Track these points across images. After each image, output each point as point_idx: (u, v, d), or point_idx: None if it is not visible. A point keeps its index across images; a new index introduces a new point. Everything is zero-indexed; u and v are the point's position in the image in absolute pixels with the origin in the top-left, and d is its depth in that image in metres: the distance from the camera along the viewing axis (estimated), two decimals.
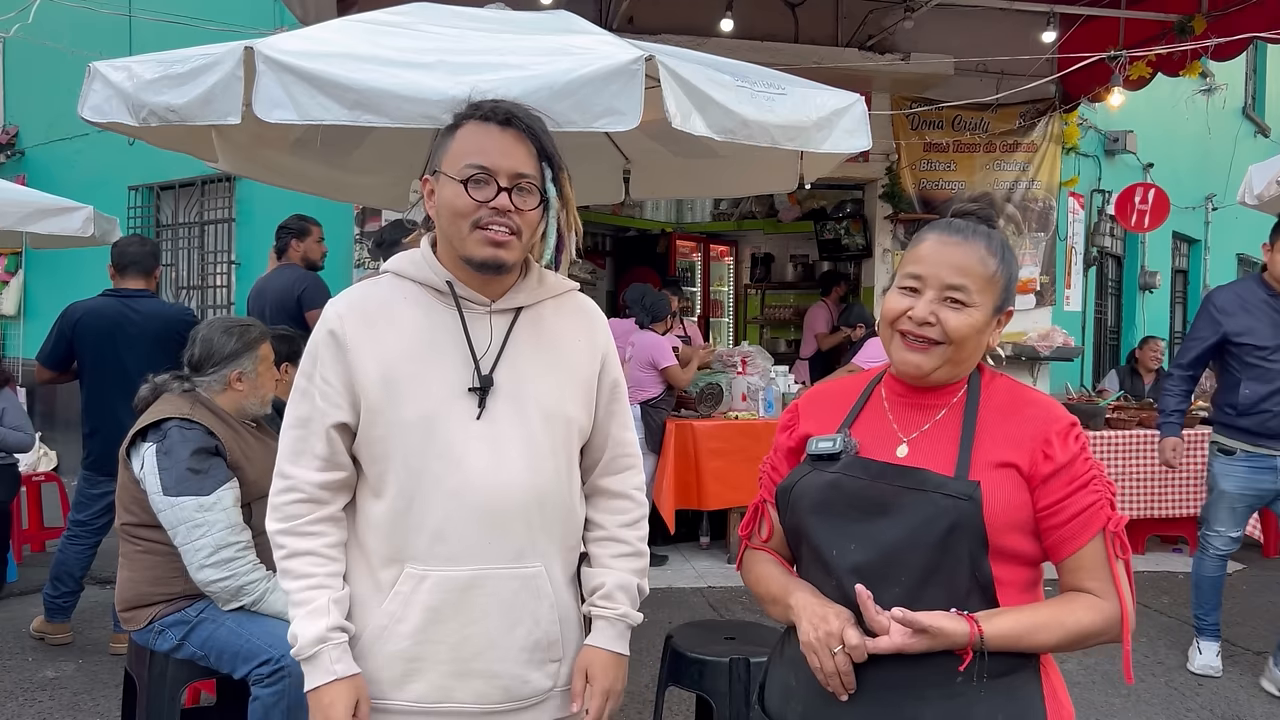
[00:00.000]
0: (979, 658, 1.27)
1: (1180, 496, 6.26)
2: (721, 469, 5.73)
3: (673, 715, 3.57)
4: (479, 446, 1.48)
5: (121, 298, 4.19)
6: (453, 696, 1.50)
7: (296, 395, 1.54)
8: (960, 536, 1.30)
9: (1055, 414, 1.37)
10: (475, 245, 1.46)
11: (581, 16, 3.81)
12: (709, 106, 3.20)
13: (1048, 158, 7.69)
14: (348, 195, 5.25)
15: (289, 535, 1.49)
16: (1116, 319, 10.41)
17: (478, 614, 1.49)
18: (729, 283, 10.21)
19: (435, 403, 1.48)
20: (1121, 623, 1.31)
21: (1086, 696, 3.87)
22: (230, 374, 2.67)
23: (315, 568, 1.48)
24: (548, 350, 1.57)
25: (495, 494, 1.48)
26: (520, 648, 1.52)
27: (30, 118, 9.84)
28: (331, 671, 1.44)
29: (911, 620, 1.26)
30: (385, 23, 3.44)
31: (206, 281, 8.38)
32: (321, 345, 1.51)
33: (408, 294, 1.54)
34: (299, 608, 1.47)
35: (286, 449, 1.52)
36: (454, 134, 1.51)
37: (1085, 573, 1.33)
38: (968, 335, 1.37)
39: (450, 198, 1.47)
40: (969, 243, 1.39)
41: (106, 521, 4.11)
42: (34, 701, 3.69)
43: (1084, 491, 1.33)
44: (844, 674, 1.31)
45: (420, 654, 1.48)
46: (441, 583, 1.47)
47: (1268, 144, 12.48)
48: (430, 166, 1.54)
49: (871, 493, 1.37)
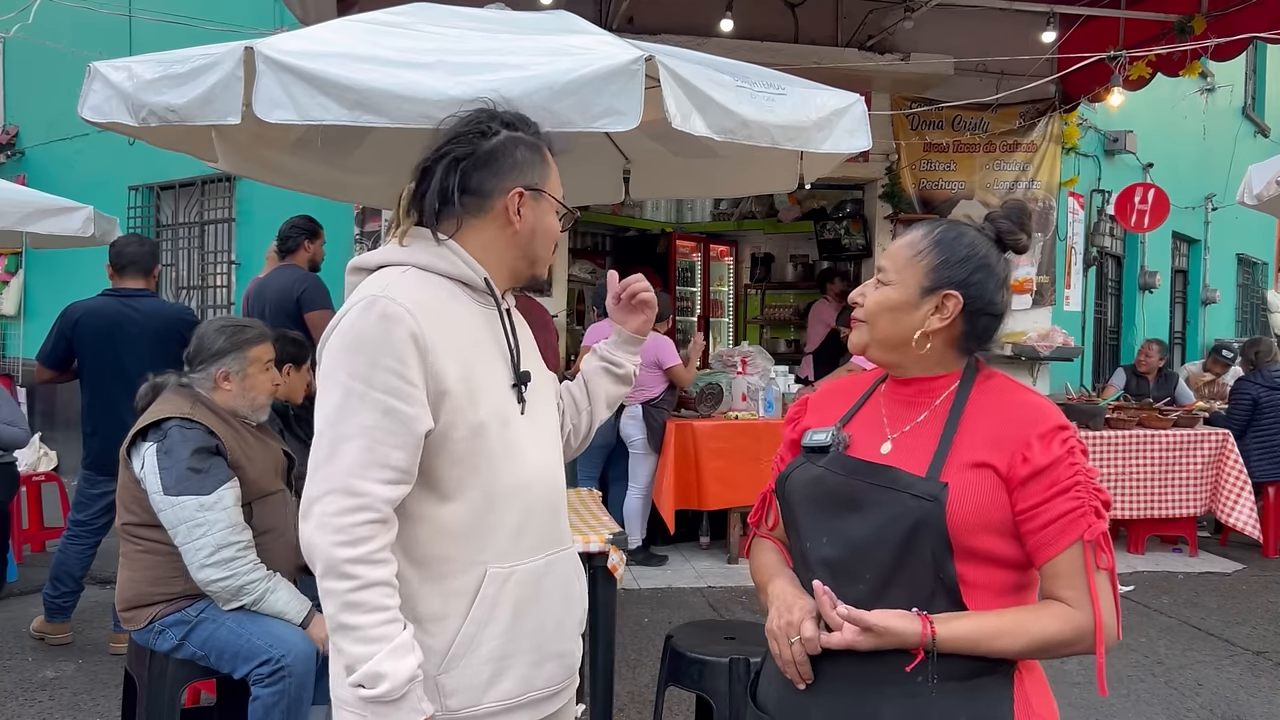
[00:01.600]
0: (930, 658, 1.28)
1: (1180, 496, 6.26)
2: (721, 469, 5.73)
3: (673, 715, 3.57)
4: (530, 439, 1.54)
5: (121, 297, 4.19)
6: (533, 684, 1.52)
7: (354, 401, 1.37)
8: (923, 536, 1.30)
9: (1041, 415, 1.34)
10: (543, 268, 1.63)
11: (581, 16, 3.82)
12: (709, 106, 3.20)
13: (1047, 158, 7.69)
14: (348, 195, 5.25)
15: (362, 564, 1.34)
16: (1116, 319, 10.41)
17: (550, 599, 1.54)
18: (729, 283, 10.20)
19: (500, 399, 1.50)
20: (1095, 633, 1.28)
21: (1087, 697, 3.86)
22: (216, 373, 2.65)
23: (389, 600, 1.37)
24: (529, 342, 1.65)
25: (549, 483, 1.56)
26: (576, 622, 1.61)
27: (30, 118, 9.85)
28: (420, 710, 1.37)
29: (858, 618, 1.29)
30: (385, 23, 3.45)
31: (206, 281, 8.39)
32: (398, 343, 1.38)
33: (448, 290, 1.51)
34: (378, 643, 1.34)
35: (352, 462, 1.35)
36: (543, 157, 1.58)
37: (1061, 580, 1.30)
38: (876, 311, 1.44)
39: (551, 226, 1.60)
40: (910, 231, 1.48)
41: (106, 521, 4.10)
42: (34, 701, 3.69)
43: (1063, 497, 1.29)
44: (799, 664, 1.36)
45: (509, 650, 1.48)
46: (525, 576, 1.50)
47: (1268, 144, 12.48)
48: (527, 181, 1.54)
49: (846, 488, 1.39)
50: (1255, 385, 6.65)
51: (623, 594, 4.89)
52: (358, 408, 1.37)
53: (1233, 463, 6.28)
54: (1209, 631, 4.82)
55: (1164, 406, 6.65)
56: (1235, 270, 13.40)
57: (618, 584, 3.10)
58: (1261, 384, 6.62)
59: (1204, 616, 5.07)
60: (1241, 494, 6.23)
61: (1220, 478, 6.30)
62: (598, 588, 3.02)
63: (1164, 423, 6.37)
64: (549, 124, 2.93)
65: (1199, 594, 5.52)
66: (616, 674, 3.24)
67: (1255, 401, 6.58)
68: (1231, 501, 6.24)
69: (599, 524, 3.15)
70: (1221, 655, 4.41)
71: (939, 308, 1.41)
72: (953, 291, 1.40)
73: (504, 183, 1.52)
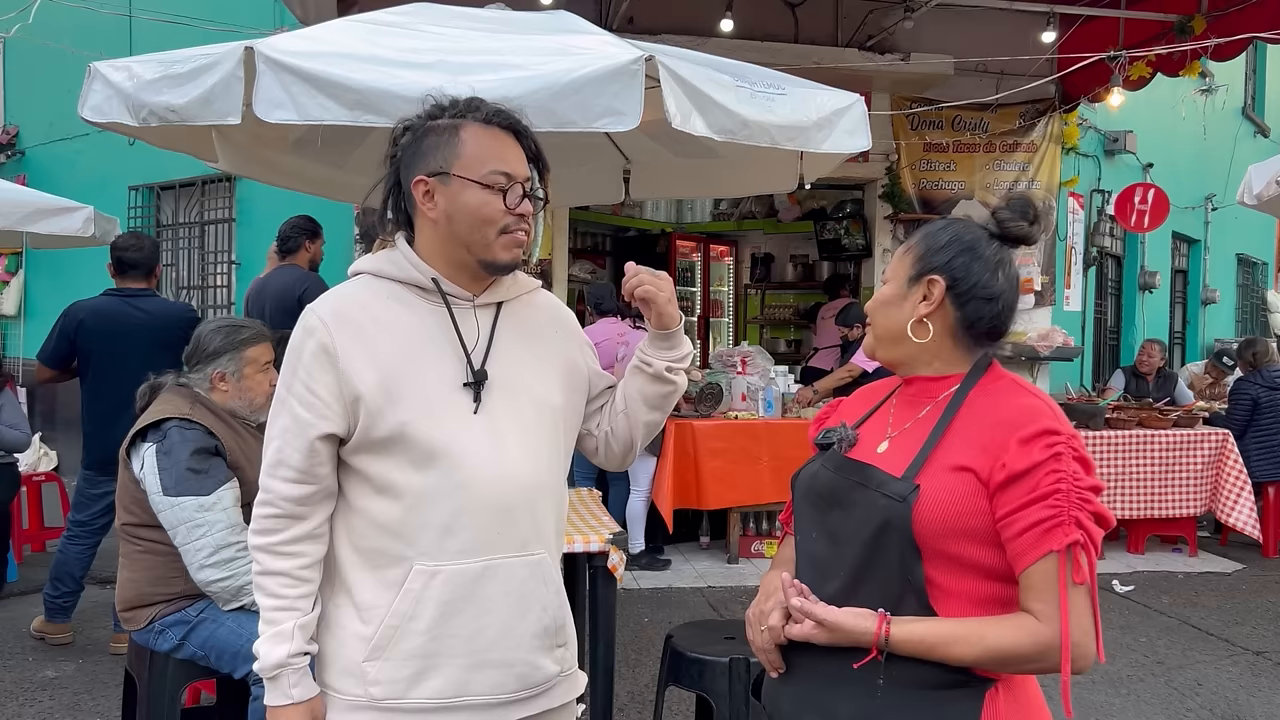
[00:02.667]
0: (884, 659, 1.29)
1: (1180, 496, 6.27)
2: (721, 469, 5.72)
3: (673, 715, 3.57)
4: (480, 440, 1.50)
5: (124, 297, 4.19)
6: (469, 689, 1.50)
7: (277, 406, 1.52)
8: (890, 537, 1.30)
9: (1028, 418, 1.29)
10: (502, 250, 1.52)
11: (581, 16, 3.82)
12: (709, 107, 3.21)
13: (1047, 158, 7.69)
14: (348, 195, 5.24)
15: (265, 553, 1.49)
16: (1116, 319, 10.41)
17: (491, 604, 1.50)
18: (729, 283, 10.20)
19: (435, 399, 1.49)
20: (1060, 652, 1.22)
21: (1087, 697, 3.87)
22: (213, 373, 2.65)
23: (287, 589, 1.49)
24: (530, 342, 1.61)
25: (499, 486, 1.50)
26: (532, 634, 1.54)
27: (30, 118, 9.84)
28: (289, 695, 1.48)
29: (809, 611, 1.32)
30: (385, 23, 3.45)
31: (207, 281, 8.39)
32: (307, 355, 1.48)
33: (390, 293, 1.54)
34: (266, 626, 1.49)
35: (267, 461, 1.51)
36: (457, 135, 1.51)
37: (1032, 592, 1.25)
38: (874, 308, 1.49)
39: (477, 205, 1.49)
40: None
41: (107, 521, 4.10)
42: (34, 701, 3.69)
43: (1039, 505, 1.24)
44: (767, 652, 1.41)
45: (436, 650, 1.48)
46: (453, 576, 1.48)
47: (1268, 144, 12.47)
48: (429, 168, 1.51)
49: (832, 486, 1.41)
50: (1255, 385, 6.65)
51: (623, 594, 4.89)
52: (279, 412, 1.51)
53: (1233, 463, 6.29)
54: (1209, 631, 4.82)
55: (1164, 407, 6.65)
56: (1235, 270, 13.40)
57: (618, 584, 3.10)
58: (1261, 384, 6.62)
59: (1204, 616, 5.07)
60: (1241, 494, 6.24)
61: (1220, 478, 6.30)
62: (598, 587, 3.03)
63: (1164, 423, 6.37)
64: (549, 124, 2.96)
65: (1199, 594, 5.52)
66: (616, 674, 3.24)
67: (1255, 401, 6.58)
68: (1231, 501, 6.24)
69: (599, 524, 3.15)
70: (1221, 655, 4.41)
71: (926, 295, 1.41)
72: (935, 276, 1.41)
73: (411, 176, 1.53)
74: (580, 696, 1.72)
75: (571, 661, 1.65)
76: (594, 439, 1.74)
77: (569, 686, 1.64)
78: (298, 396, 1.48)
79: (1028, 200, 1.48)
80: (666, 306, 1.61)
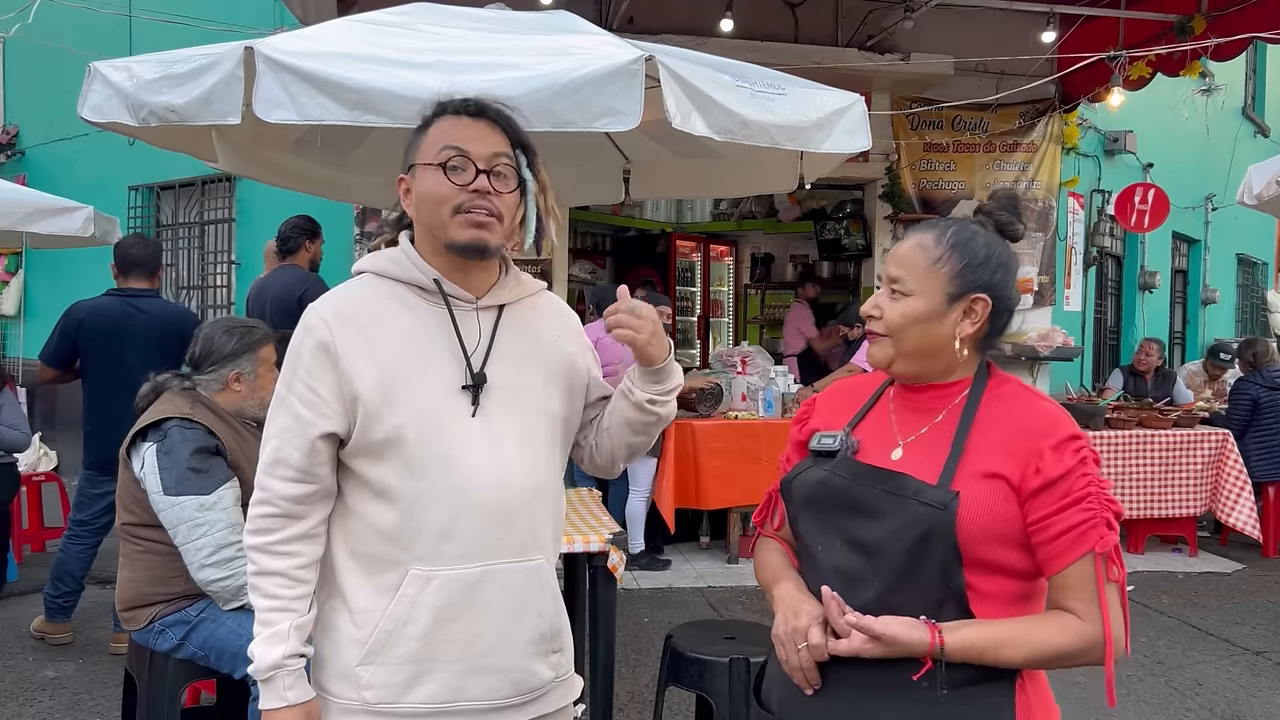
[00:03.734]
0: (938, 667, 1.27)
1: (1180, 496, 6.27)
2: (721, 469, 5.72)
3: (673, 715, 3.57)
4: (478, 443, 1.49)
5: (126, 297, 4.20)
6: (463, 695, 1.49)
7: (276, 404, 1.51)
8: (933, 545, 1.29)
9: (1054, 425, 1.32)
10: (458, 229, 1.48)
11: (581, 16, 3.81)
12: (709, 107, 3.20)
13: (1047, 158, 7.69)
14: (348, 195, 5.25)
15: (261, 553, 1.48)
16: (1116, 319, 10.41)
17: (487, 610, 1.49)
18: (729, 283, 10.21)
19: (433, 402, 1.48)
20: (1104, 646, 1.27)
21: (1087, 696, 3.87)
22: (229, 374, 2.66)
23: (283, 590, 1.47)
24: (532, 346, 1.59)
25: (497, 490, 1.49)
26: (528, 640, 1.53)
27: (30, 118, 9.84)
28: (284, 698, 1.46)
29: (866, 627, 1.28)
30: (385, 23, 3.44)
31: (207, 282, 8.38)
32: (307, 354, 1.48)
33: (392, 293, 1.53)
34: (262, 627, 1.47)
35: (265, 460, 1.50)
36: (426, 131, 1.53)
37: (1070, 592, 1.30)
38: (902, 324, 1.39)
39: (430, 186, 1.48)
40: (917, 234, 1.43)
41: (107, 521, 4.10)
42: (34, 701, 3.69)
43: (1075, 509, 1.28)
44: (806, 670, 1.35)
45: (430, 655, 1.48)
46: (450, 582, 1.47)
47: (1268, 144, 12.48)
48: (404, 166, 1.55)
49: (853, 494, 1.38)
50: (1255, 385, 6.65)
51: (623, 594, 4.89)
52: (278, 411, 1.51)
53: (1233, 463, 6.29)
54: (1209, 631, 4.82)
55: (1164, 406, 6.65)
56: (1235, 270, 13.40)
57: (618, 584, 3.10)
58: (1261, 384, 6.62)
59: (1204, 616, 5.07)
60: (1241, 494, 6.24)
61: (1220, 478, 6.31)
62: (598, 588, 3.03)
63: (1164, 423, 6.37)
64: (549, 124, 2.96)
65: (1199, 594, 5.52)
66: (616, 674, 3.24)
67: (1255, 401, 6.58)
68: (1231, 501, 6.24)
69: (599, 524, 3.15)
70: (1221, 655, 4.41)
71: (968, 312, 1.39)
72: (982, 295, 1.38)
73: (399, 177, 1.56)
74: (580, 697, 1.71)
75: (567, 667, 1.64)
76: (580, 449, 1.73)
77: (564, 691, 1.63)
78: (298, 395, 1.48)
79: (1014, 196, 1.49)
80: (647, 348, 1.55)
